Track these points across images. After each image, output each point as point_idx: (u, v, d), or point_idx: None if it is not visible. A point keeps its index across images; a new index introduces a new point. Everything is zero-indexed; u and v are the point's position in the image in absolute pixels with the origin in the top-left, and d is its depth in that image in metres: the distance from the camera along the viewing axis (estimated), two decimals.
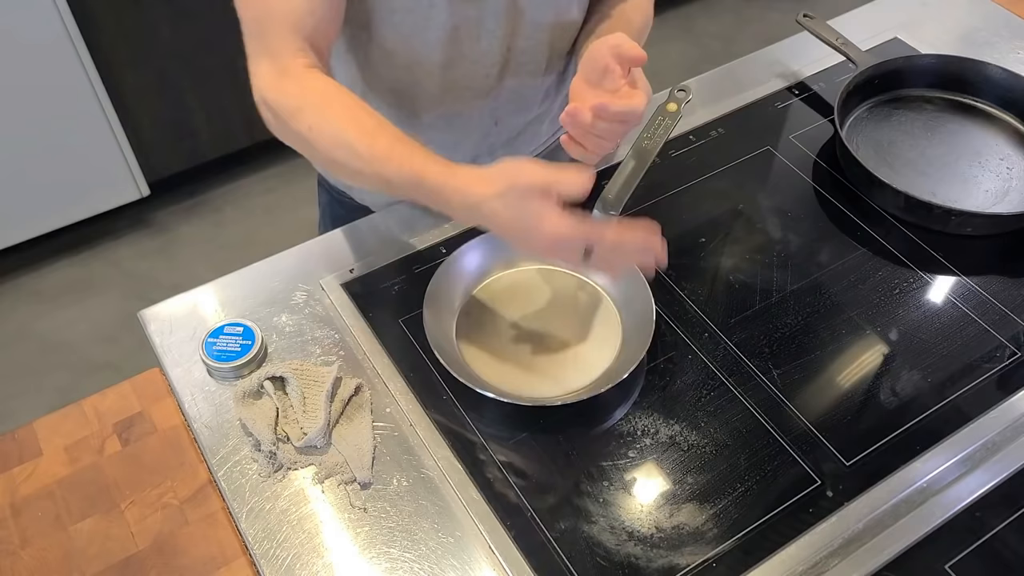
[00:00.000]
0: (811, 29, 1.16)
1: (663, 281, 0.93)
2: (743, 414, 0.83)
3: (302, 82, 0.80)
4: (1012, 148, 1.07)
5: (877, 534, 0.75)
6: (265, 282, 0.94)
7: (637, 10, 0.94)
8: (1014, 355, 0.87)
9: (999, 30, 1.25)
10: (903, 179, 1.03)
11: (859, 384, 0.85)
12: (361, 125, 0.78)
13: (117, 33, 1.95)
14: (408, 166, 0.75)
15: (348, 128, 0.78)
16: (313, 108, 0.79)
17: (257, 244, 2.24)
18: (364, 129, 0.78)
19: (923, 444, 0.80)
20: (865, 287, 0.93)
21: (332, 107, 0.79)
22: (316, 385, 0.82)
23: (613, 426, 0.82)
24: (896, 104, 1.13)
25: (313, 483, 0.78)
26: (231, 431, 0.82)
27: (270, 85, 0.80)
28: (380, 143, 0.77)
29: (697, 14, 2.94)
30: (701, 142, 1.09)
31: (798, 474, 0.79)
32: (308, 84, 0.80)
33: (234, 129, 2.25)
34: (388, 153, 0.76)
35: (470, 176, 0.75)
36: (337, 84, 0.81)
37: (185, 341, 0.89)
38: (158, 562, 0.76)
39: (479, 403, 0.82)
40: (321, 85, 0.80)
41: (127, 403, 0.87)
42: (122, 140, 2.06)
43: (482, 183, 0.74)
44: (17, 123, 1.92)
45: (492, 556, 0.74)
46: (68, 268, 2.20)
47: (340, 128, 0.78)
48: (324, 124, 0.78)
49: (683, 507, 0.76)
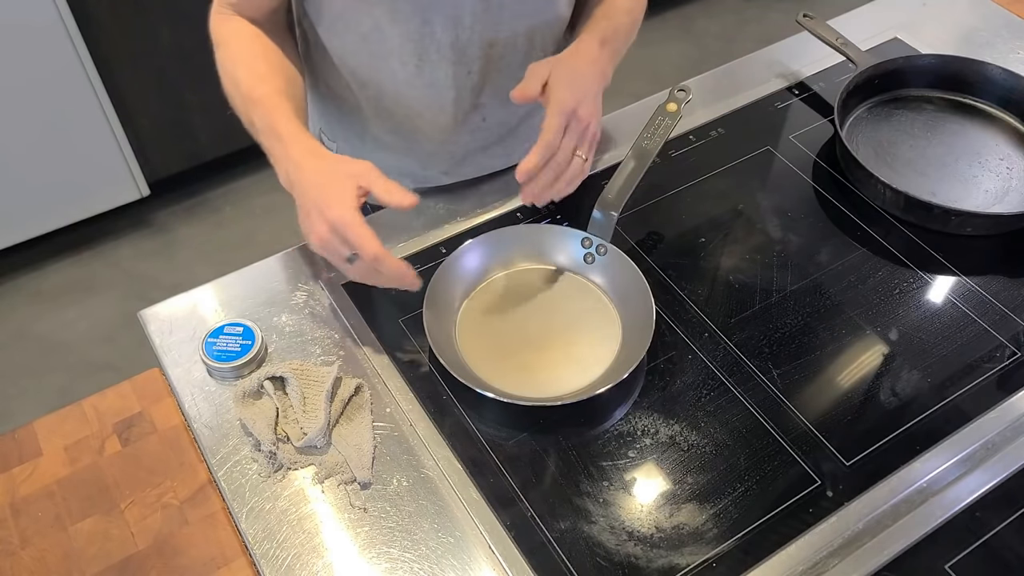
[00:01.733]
0: (811, 29, 1.16)
1: (663, 281, 0.94)
2: (743, 414, 0.83)
3: (228, 22, 0.92)
4: (1012, 148, 1.07)
5: (877, 534, 0.75)
6: (265, 282, 0.94)
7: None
8: (1014, 355, 0.87)
9: (999, 30, 1.25)
10: (903, 179, 1.03)
11: (859, 384, 0.85)
12: (253, 68, 0.89)
13: (117, 33, 1.95)
14: (271, 115, 0.85)
15: (241, 67, 0.89)
16: (226, 44, 0.91)
17: (257, 244, 2.24)
18: (254, 72, 0.88)
19: (923, 444, 0.80)
20: (865, 287, 0.93)
21: (241, 47, 0.90)
22: (316, 385, 0.82)
23: (613, 426, 0.82)
24: (896, 104, 1.13)
25: (313, 483, 0.78)
26: (231, 431, 0.82)
27: (211, 20, 0.94)
28: (260, 88, 0.87)
29: (697, 14, 2.94)
30: (701, 142, 1.09)
31: (798, 474, 0.79)
32: (230, 26, 0.92)
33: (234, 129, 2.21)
34: (261, 99, 0.86)
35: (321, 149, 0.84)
36: (254, 30, 0.92)
37: (185, 341, 0.89)
38: (158, 562, 0.76)
39: (479, 403, 0.82)
40: (237, 27, 0.91)
41: (127, 403, 0.87)
42: (122, 140, 2.06)
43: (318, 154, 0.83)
44: (17, 123, 1.92)
45: (492, 556, 0.74)
46: (68, 268, 2.20)
47: (236, 65, 0.89)
48: (227, 60, 0.90)
49: (683, 507, 0.76)
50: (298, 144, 0.84)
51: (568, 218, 0.98)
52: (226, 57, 0.91)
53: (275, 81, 0.88)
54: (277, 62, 0.91)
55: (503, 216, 1.00)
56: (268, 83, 0.88)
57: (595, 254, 0.92)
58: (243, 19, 0.92)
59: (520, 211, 1.00)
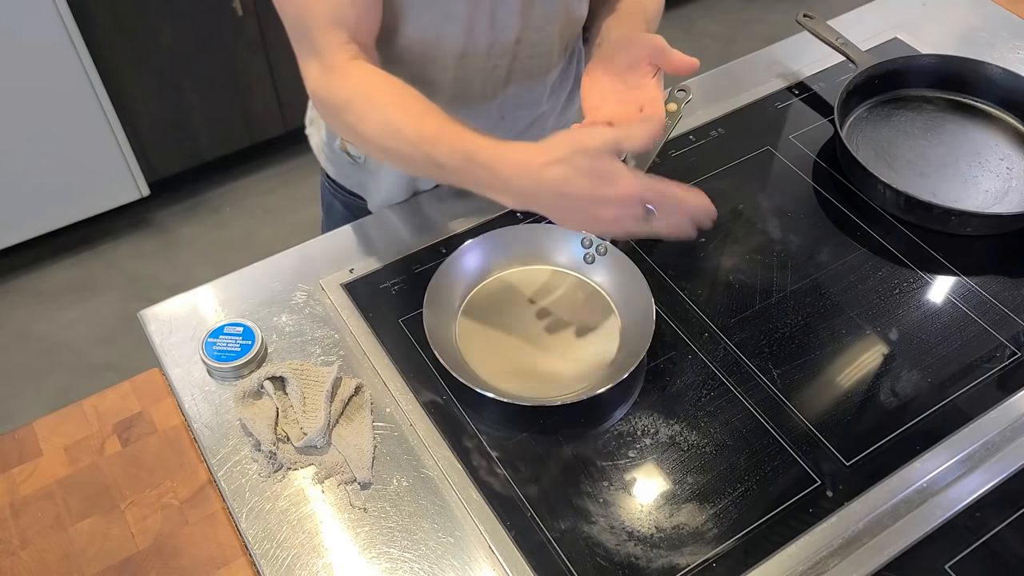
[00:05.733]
0: (811, 29, 1.16)
1: (663, 281, 0.94)
2: (743, 414, 0.83)
3: (349, 75, 0.80)
4: (1012, 148, 1.07)
5: (877, 534, 0.75)
6: (265, 282, 0.94)
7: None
8: (1014, 355, 0.87)
9: (999, 30, 1.25)
10: (903, 179, 1.03)
11: (859, 384, 0.85)
12: (408, 109, 0.78)
13: (117, 33, 1.95)
14: (459, 145, 0.74)
15: (395, 114, 0.78)
16: (361, 98, 0.79)
17: (257, 244, 2.24)
18: (411, 113, 0.78)
19: (923, 444, 0.80)
20: (865, 287, 0.93)
21: (379, 95, 0.79)
22: (316, 385, 0.82)
23: (613, 426, 0.82)
24: (896, 104, 1.13)
25: (313, 483, 0.78)
26: (231, 431, 0.82)
27: (319, 83, 0.82)
28: (429, 126, 0.76)
29: (697, 14, 2.95)
30: (701, 142, 1.09)
31: (798, 474, 0.78)
32: (355, 76, 0.80)
33: (234, 129, 2.25)
34: (437, 134, 0.76)
35: (526, 148, 0.73)
36: (383, 72, 0.81)
37: (185, 341, 0.89)
38: (158, 562, 0.76)
39: (479, 403, 0.82)
40: (367, 75, 0.80)
41: (127, 403, 0.87)
42: (122, 140, 2.06)
43: (541, 152, 0.72)
44: (17, 123, 1.92)
45: (492, 556, 0.74)
46: (68, 268, 2.20)
47: (388, 114, 0.78)
48: (372, 113, 0.79)
49: (683, 507, 0.76)
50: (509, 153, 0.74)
51: None
52: (366, 113, 0.79)
53: (436, 112, 0.78)
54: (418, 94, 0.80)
55: (503, 216, 1.00)
56: (432, 117, 0.77)
57: (595, 254, 0.92)
58: (363, 65, 0.81)
59: (520, 211, 1.00)
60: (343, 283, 0.93)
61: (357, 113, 0.79)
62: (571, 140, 0.72)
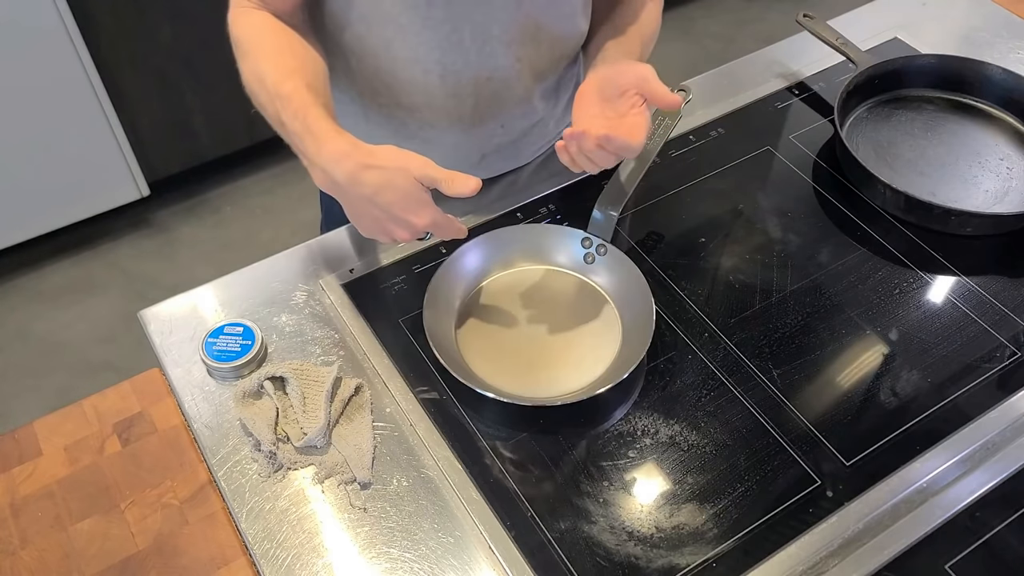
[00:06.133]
0: (811, 29, 1.16)
1: (663, 281, 0.94)
2: (743, 414, 0.83)
3: (250, 16, 0.87)
4: (1012, 148, 1.07)
5: (877, 534, 0.75)
6: (265, 282, 0.94)
7: (649, 18, 0.95)
8: (1014, 355, 0.87)
9: (999, 30, 1.25)
10: (903, 179, 1.03)
11: (859, 384, 0.85)
12: (279, 63, 0.84)
13: (117, 33, 1.95)
14: (303, 113, 0.79)
15: (266, 64, 0.83)
16: (247, 40, 0.86)
17: (257, 244, 2.24)
18: (279, 67, 0.83)
19: (923, 444, 0.80)
20: (865, 287, 0.93)
21: (263, 41, 0.86)
22: (316, 385, 0.82)
23: (613, 426, 0.82)
24: (896, 104, 1.13)
25: (313, 483, 0.78)
26: (231, 431, 0.82)
27: (230, 16, 0.89)
28: (287, 84, 0.81)
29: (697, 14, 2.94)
30: (701, 142, 1.09)
31: (798, 474, 0.79)
32: (254, 19, 0.87)
33: (234, 129, 2.25)
34: (290, 95, 0.80)
35: (358, 144, 0.78)
36: (282, 25, 0.87)
37: (185, 341, 0.89)
38: (158, 562, 0.76)
39: (479, 403, 0.82)
40: (262, 21, 0.87)
41: (127, 403, 0.87)
42: (122, 140, 2.06)
43: (369, 154, 0.77)
44: (17, 123, 1.92)
45: (492, 556, 0.74)
46: (68, 268, 2.20)
47: (260, 62, 0.84)
48: (250, 56, 0.85)
49: (683, 507, 0.76)
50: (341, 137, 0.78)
51: (568, 218, 0.98)
52: (248, 52, 0.85)
53: (303, 76, 0.83)
54: (304, 56, 0.86)
55: (503, 216, 1.00)
56: (296, 78, 0.82)
57: (595, 254, 0.92)
58: (267, 13, 0.87)
59: (520, 211, 1.00)
60: (343, 283, 0.93)
61: (240, 51, 0.86)
62: (399, 156, 0.78)
